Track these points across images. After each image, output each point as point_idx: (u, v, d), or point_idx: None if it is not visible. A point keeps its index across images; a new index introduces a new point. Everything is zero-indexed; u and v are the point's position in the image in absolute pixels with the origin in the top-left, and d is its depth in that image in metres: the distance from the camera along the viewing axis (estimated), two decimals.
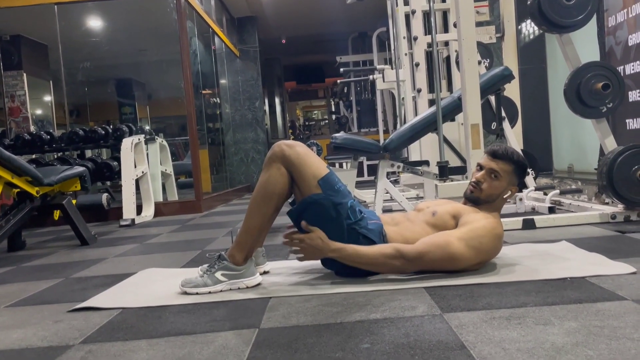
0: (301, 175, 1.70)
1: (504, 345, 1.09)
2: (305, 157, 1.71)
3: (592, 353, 1.02)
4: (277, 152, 1.72)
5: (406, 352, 1.10)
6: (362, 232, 1.71)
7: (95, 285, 2.00)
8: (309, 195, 1.70)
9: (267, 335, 1.29)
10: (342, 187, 1.75)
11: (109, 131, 4.84)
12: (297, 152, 1.71)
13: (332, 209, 1.69)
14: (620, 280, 1.53)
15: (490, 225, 1.72)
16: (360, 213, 1.75)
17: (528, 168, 1.85)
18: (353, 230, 1.71)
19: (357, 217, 1.72)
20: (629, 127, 3.10)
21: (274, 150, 1.73)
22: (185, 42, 4.96)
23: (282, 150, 1.71)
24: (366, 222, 1.75)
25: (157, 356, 1.20)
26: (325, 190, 1.70)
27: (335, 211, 1.70)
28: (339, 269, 1.80)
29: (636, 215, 2.52)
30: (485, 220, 1.73)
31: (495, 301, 1.41)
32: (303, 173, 1.70)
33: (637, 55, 2.96)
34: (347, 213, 1.71)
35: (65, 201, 3.16)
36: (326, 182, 1.71)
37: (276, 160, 1.71)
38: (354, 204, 1.75)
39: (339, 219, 1.70)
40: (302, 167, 1.70)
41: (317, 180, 1.70)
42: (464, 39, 2.51)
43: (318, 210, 1.70)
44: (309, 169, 1.70)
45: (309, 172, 1.70)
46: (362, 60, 9.06)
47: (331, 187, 1.71)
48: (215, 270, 1.70)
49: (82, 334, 1.41)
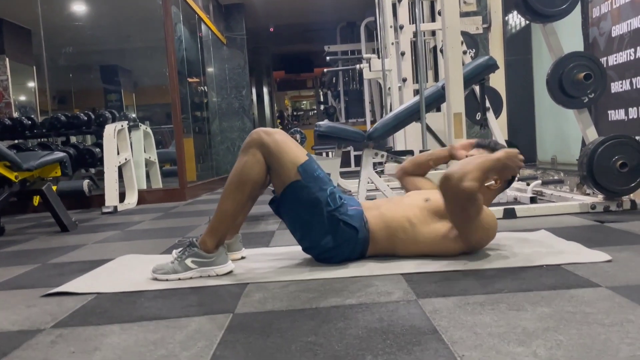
0: (280, 162, 1.68)
1: (476, 330, 1.10)
2: (284, 145, 1.69)
3: (562, 338, 1.03)
4: (255, 139, 1.69)
5: (378, 337, 1.10)
6: (342, 218, 1.71)
7: (72, 271, 1.98)
8: (289, 184, 1.69)
9: (241, 320, 1.28)
10: (321, 173, 1.74)
11: (91, 117, 4.77)
12: (275, 140, 1.69)
13: (312, 195, 1.68)
14: (595, 267, 1.54)
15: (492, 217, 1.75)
16: (340, 199, 1.74)
17: None
18: (333, 217, 1.70)
19: (337, 204, 1.71)
20: (610, 119, 3.12)
21: (252, 137, 1.70)
22: (170, 28, 4.89)
23: (260, 137, 1.69)
24: (346, 208, 1.74)
25: (128, 340, 1.18)
26: (305, 177, 1.68)
27: (315, 198, 1.69)
28: (318, 254, 1.79)
29: (615, 206, 2.54)
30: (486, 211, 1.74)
31: (470, 287, 1.41)
32: (281, 160, 1.68)
33: (620, 47, 2.98)
34: (326, 200, 1.70)
35: (45, 187, 3.12)
36: (306, 168, 1.69)
37: (253, 147, 1.68)
38: (333, 190, 1.74)
39: (318, 206, 1.69)
40: (280, 154, 1.68)
41: (297, 167, 1.68)
42: (447, 27, 2.50)
43: (298, 197, 1.69)
44: (287, 156, 1.68)
45: (288, 159, 1.69)
46: (351, 49, 9.02)
47: (311, 174, 1.70)
48: (186, 257, 1.68)
49: (54, 318, 1.39)
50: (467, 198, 1.60)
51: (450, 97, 2.52)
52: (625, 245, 1.80)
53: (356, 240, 1.74)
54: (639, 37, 2.81)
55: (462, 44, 3.81)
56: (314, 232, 1.73)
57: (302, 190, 1.68)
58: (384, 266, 1.70)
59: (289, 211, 1.76)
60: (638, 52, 2.83)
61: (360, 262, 1.76)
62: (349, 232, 1.72)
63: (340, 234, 1.71)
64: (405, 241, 1.75)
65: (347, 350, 1.04)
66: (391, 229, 1.75)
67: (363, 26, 7.98)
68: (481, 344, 1.02)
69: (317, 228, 1.71)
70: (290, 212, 1.76)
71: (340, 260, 1.76)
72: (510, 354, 0.97)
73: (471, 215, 1.65)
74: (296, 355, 1.03)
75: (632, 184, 2.46)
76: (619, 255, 1.65)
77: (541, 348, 0.98)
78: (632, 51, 2.87)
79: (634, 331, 1.04)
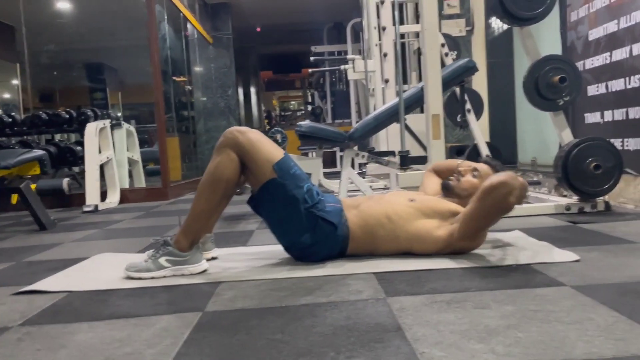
0: (255, 161, 1.68)
1: (439, 328, 1.11)
2: (258, 143, 1.69)
3: (521, 335, 1.05)
4: (229, 139, 1.69)
5: (343, 334, 1.11)
6: (320, 214, 1.71)
7: (46, 270, 1.96)
8: (266, 182, 1.69)
9: (210, 318, 1.28)
10: (298, 171, 1.74)
11: (73, 115, 4.74)
12: (249, 138, 1.69)
13: (288, 193, 1.69)
14: (563, 267, 1.56)
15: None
16: (317, 195, 1.75)
17: None
18: (311, 214, 1.70)
19: (314, 200, 1.72)
20: (587, 121, 3.17)
21: (226, 136, 1.70)
22: (154, 26, 4.87)
23: (234, 136, 1.69)
24: (324, 204, 1.74)
25: (95, 338, 1.18)
26: (281, 174, 1.69)
27: (292, 195, 1.69)
28: (298, 252, 1.80)
29: (590, 207, 2.58)
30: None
31: (439, 286, 1.43)
32: (257, 159, 1.68)
33: (597, 50, 3.02)
34: (303, 197, 1.70)
35: (23, 185, 3.09)
36: (281, 166, 1.70)
37: (227, 146, 1.68)
38: (310, 187, 1.74)
39: (295, 203, 1.69)
40: (255, 153, 1.68)
41: (272, 164, 1.68)
42: (426, 29, 2.52)
43: (275, 195, 1.70)
44: (262, 154, 1.69)
45: (263, 158, 1.69)
46: (338, 50, 9.03)
47: (287, 172, 1.70)
48: (160, 255, 1.68)
49: (22, 316, 1.38)
50: (503, 211, 1.63)
51: (428, 98, 2.55)
52: (595, 246, 1.83)
53: (335, 237, 1.74)
54: (614, 41, 2.86)
55: (444, 46, 3.85)
56: (292, 229, 1.74)
57: (279, 188, 1.69)
58: (358, 265, 1.71)
59: (267, 209, 1.76)
60: (614, 55, 2.88)
61: (338, 261, 1.77)
62: (328, 229, 1.72)
63: (319, 230, 1.71)
64: (385, 238, 1.76)
65: (311, 347, 1.05)
66: (369, 226, 1.76)
67: (349, 27, 8.00)
68: (442, 341, 1.04)
69: (295, 225, 1.72)
70: (268, 211, 1.77)
71: (320, 259, 1.76)
72: (470, 351, 0.98)
73: (488, 225, 1.71)
74: (261, 352, 1.04)
75: (605, 186, 2.50)
76: (588, 255, 1.68)
77: (500, 345, 1.00)
78: (608, 55, 2.92)
79: (593, 329, 1.06)
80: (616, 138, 2.87)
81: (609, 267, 1.54)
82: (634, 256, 1.65)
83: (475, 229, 1.70)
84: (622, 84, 2.82)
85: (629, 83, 2.76)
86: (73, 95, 8.78)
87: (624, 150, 2.80)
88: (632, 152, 2.76)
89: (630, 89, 2.75)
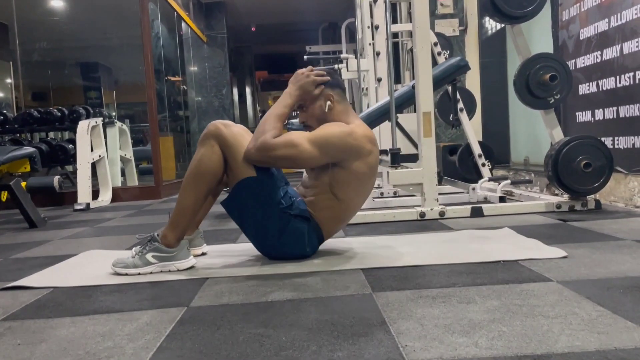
0: (235, 155, 1.65)
1: (423, 322, 1.11)
2: (241, 138, 1.67)
3: (505, 329, 1.04)
4: (212, 131, 1.67)
5: (327, 328, 1.10)
6: (294, 213, 1.69)
7: (32, 266, 1.95)
8: (243, 179, 1.65)
9: (194, 313, 1.27)
10: (275, 171, 1.71)
11: (65, 113, 4.71)
12: (232, 132, 1.67)
13: (265, 191, 1.66)
14: (550, 263, 1.56)
15: (338, 127, 1.69)
16: (290, 199, 1.70)
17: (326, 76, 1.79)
18: (285, 214, 1.67)
19: (289, 202, 1.69)
20: (578, 120, 3.17)
21: (209, 128, 1.68)
22: (147, 25, 4.85)
23: (217, 128, 1.66)
24: (297, 204, 1.71)
25: (77, 332, 1.17)
26: (259, 172, 1.66)
27: (268, 194, 1.66)
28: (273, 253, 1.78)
29: (580, 205, 2.58)
30: (335, 125, 1.70)
31: (426, 282, 1.43)
32: (237, 153, 1.65)
33: (588, 49, 3.03)
34: (279, 199, 1.67)
35: (12, 182, 3.07)
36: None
37: (210, 138, 1.66)
38: (286, 189, 1.72)
39: (270, 203, 1.66)
40: (237, 147, 1.65)
41: None
42: (417, 27, 2.52)
43: (251, 192, 1.66)
44: (243, 149, 1.65)
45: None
46: (332, 50, 9.02)
47: (266, 171, 1.67)
48: (147, 251, 1.66)
49: (5, 311, 1.37)
50: (272, 151, 1.61)
51: (419, 96, 2.54)
52: (583, 243, 1.83)
53: (310, 230, 1.72)
54: (605, 40, 2.86)
55: (437, 45, 3.85)
56: (267, 230, 1.70)
57: (256, 186, 1.65)
58: (346, 261, 1.70)
59: (241, 208, 1.70)
60: (604, 54, 2.88)
61: (326, 257, 1.77)
62: (302, 225, 1.70)
63: (293, 229, 1.69)
64: (335, 208, 1.74)
65: (294, 341, 1.04)
66: (320, 202, 1.74)
67: (344, 27, 8.00)
68: (426, 335, 1.03)
69: (270, 225, 1.68)
70: (242, 210, 1.71)
71: (300, 254, 1.75)
72: (452, 344, 0.98)
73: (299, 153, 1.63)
74: (242, 346, 1.03)
75: (595, 184, 2.50)
76: (575, 252, 1.68)
77: (483, 338, 1.00)
78: (599, 54, 2.93)
79: (576, 323, 1.06)
80: (607, 136, 2.87)
81: (595, 263, 1.54)
82: (620, 252, 1.66)
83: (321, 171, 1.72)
84: (612, 83, 2.82)
85: (620, 82, 2.76)
86: (67, 94, 8.73)
87: (614, 149, 2.80)
88: (622, 151, 2.76)
89: (621, 87, 2.76)
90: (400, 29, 4.66)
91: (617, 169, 2.67)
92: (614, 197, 2.75)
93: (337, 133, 1.68)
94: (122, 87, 9.14)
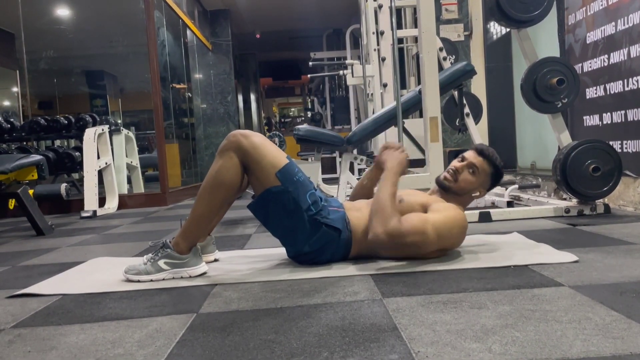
0: (259, 166, 1.64)
1: (435, 327, 1.10)
2: (262, 148, 1.66)
3: (518, 334, 1.03)
4: (232, 142, 1.65)
5: (338, 334, 1.09)
6: (324, 221, 1.68)
7: (41, 273, 1.95)
8: (268, 189, 1.65)
9: (204, 319, 1.27)
10: (302, 177, 1.70)
11: (71, 121, 4.73)
12: (252, 143, 1.65)
13: (291, 201, 1.65)
14: (562, 268, 1.55)
15: (460, 217, 1.73)
16: (321, 201, 1.71)
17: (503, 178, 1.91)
18: (315, 221, 1.67)
19: (318, 208, 1.68)
20: (586, 124, 3.16)
21: (229, 139, 1.66)
22: (153, 33, 4.88)
23: (237, 140, 1.65)
24: (327, 210, 1.71)
25: (86, 339, 1.17)
26: (284, 182, 1.65)
27: (295, 203, 1.65)
28: (302, 259, 1.77)
29: (589, 209, 2.57)
30: (455, 210, 1.73)
31: (436, 287, 1.42)
32: (261, 164, 1.64)
33: (594, 53, 3.02)
34: (308, 204, 1.67)
35: (20, 190, 3.08)
36: (285, 174, 1.65)
37: (230, 150, 1.64)
38: (314, 193, 1.71)
39: (298, 211, 1.66)
40: (259, 158, 1.64)
41: (276, 172, 1.64)
42: (423, 32, 2.52)
43: (278, 202, 1.66)
44: (266, 160, 1.65)
45: (267, 163, 1.65)
46: (337, 56, 9.05)
47: (290, 179, 1.66)
48: (159, 258, 1.66)
49: (15, 318, 1.37)
50: (402, 238, 1.63)
51: (426, 101, 2.54)
52: (593, 247, 1.82)
53: (338, 242, 1.72)
54: (612, 44, 2.85)
55: (442, 50, 3.86)
56: (296, 236, 1.71)
57: (282, 196, 1.65)
58: (355, 267, 1.69)
59: (268, 216, 1.72)
60: (611, 58, 2.87)
61: (336, 263, 1.76)
62: (332, 235, 1.70)
63: (323, 237, 1.69)
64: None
65: (305, 347, 1.03)
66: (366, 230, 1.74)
67: (348, 33, 8.03)
68: (438, 341, 1.02)
69: (299, 233, 1.69)
70: (269, 217, 1.73)
71: (323, 263, 1.74)
72: (465, 350, 0.97)
73: (423, 240, 1.65)
74: (253, 352, 1.03)
75: (604, 188, 2.48)
76: (586, 256, 1.67)
77: (496, 344, 0.99)
78: (606, 57, 2.92)
79: (590, 328, 1.05)
80: (615, 140, 2.86)
81: (607, 267, 1.53)
82: (632, 257, 1.64)
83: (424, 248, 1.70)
84: (620, 86, 2.81)
85: (627, 85, 2.75)
86: (73, 101, 8.78)
87: (623, 153, 2.78)
88: (631, 155, 2.75)
89: (629, 91, 2.74)
90: (406, 35, 4.67)
91: (626, 173, 2.66)
92: (623, 201, 2.73)
93: (459, 222, 1.72)
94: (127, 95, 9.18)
